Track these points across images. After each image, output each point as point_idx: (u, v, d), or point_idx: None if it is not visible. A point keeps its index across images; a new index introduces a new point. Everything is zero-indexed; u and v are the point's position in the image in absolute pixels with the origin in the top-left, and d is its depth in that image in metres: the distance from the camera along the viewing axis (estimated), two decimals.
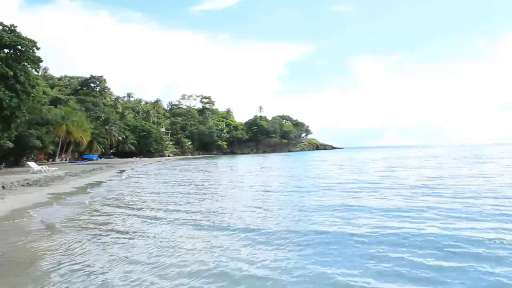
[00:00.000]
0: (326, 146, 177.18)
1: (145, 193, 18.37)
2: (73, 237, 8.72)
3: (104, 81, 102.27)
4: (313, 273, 5.89)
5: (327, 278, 5.72)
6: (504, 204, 11.26)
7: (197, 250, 7.41)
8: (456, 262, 6.18)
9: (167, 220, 10.65)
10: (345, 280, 5.57)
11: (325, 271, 5.96)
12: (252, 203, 13.32)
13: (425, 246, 7.07)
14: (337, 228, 8.84)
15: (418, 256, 6.54)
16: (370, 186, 17.69)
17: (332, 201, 13.12)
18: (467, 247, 6.90)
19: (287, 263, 6.46)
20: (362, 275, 5.75)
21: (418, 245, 7.20)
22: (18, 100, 31.91)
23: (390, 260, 6.39)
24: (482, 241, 7.26)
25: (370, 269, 6.03)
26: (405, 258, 6.42)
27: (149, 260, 6.76)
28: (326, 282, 5.58)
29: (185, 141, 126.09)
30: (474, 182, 17.60)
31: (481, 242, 7.16)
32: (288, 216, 10.87)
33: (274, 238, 8.13)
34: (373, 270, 5.95)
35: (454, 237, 7.56)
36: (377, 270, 5.96)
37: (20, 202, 14.30)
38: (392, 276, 5.70)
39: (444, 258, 6.39)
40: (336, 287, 5.42)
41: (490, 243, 7.11)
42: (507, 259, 6.19)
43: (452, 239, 7.46)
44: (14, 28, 33.21)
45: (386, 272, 5.85)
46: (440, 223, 8.93)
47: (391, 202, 12.38)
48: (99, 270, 6.29)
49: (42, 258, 7.01)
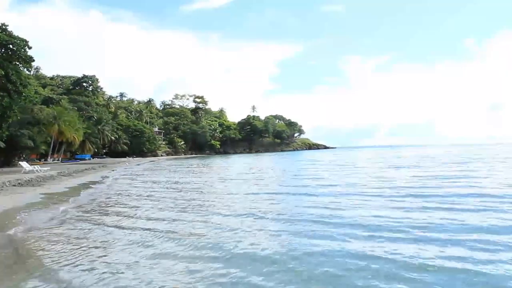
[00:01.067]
0: (319, 145, 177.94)
1: (128, 199, 16.59)
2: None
3: (96, 80, 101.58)
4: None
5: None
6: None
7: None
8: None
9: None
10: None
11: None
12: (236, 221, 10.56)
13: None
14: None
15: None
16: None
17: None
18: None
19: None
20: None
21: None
22: (10, 99, 31.80)
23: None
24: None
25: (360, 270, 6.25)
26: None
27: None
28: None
29: (178, 141, 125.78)
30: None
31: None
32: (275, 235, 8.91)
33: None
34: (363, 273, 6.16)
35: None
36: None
37: (13, 202, 14.30)
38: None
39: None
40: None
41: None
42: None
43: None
44: (6, 27, 33.07)
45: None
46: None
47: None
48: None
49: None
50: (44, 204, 14.45)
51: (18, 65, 34.37)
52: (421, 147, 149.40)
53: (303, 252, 7.04)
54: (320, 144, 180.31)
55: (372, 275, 5.78)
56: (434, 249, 6.94)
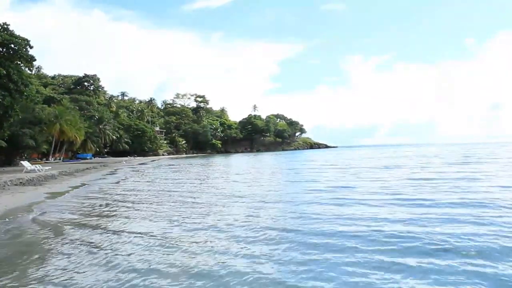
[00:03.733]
0: (320, 145, 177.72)
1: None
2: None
3: (97, 80, 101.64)
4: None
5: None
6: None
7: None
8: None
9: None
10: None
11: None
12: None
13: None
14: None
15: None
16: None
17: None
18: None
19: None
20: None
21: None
22: (11, 99, 31.75)
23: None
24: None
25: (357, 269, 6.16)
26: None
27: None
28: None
29: (179, 140, 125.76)
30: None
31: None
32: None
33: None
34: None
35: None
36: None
37: (14, 202, 14.28)
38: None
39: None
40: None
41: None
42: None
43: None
44: (7, 27, 33.00)
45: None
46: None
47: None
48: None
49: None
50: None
51: (20, 64, 34.30)
52: (421, 146, 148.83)
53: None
54: (321, 144, 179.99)
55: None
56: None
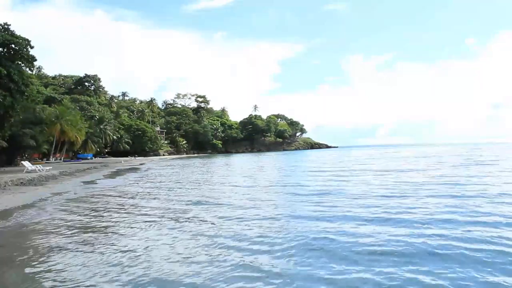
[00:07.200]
0: (320, 145, 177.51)
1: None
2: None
3: (98, 80, 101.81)
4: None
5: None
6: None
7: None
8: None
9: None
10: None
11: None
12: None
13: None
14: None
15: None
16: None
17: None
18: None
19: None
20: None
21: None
22: (12, 99, 31.79)
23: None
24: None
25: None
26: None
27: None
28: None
29: (180, 140, 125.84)
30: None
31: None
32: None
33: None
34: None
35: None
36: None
37: (14, 202, 14.27)
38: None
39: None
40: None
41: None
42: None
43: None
44: (8, 27, 33.07)
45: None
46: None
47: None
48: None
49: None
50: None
51: (20, 64, 34.36)
52: (422, 146, 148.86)
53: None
54: (322, 144, 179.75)
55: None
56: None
